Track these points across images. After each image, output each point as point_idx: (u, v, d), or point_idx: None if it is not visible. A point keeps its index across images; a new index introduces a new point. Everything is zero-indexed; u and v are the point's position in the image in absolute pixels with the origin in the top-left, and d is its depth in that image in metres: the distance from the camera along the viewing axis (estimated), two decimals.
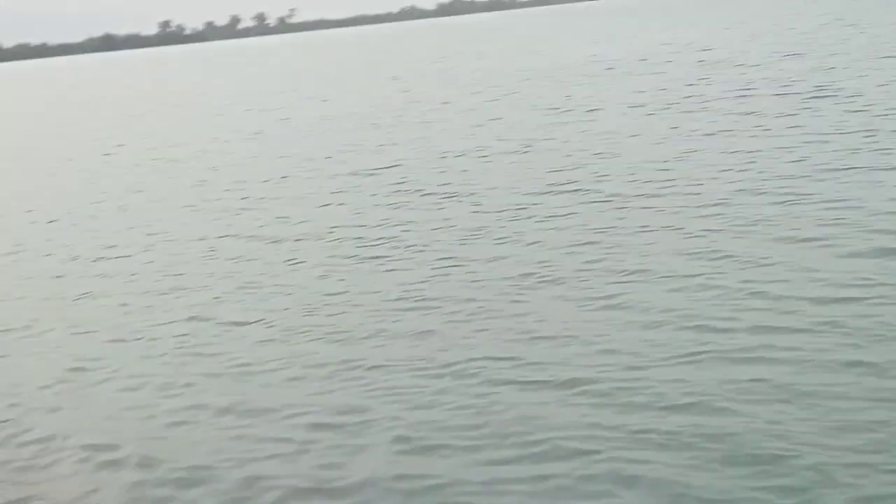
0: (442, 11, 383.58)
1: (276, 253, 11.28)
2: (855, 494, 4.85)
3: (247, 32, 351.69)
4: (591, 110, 22.03)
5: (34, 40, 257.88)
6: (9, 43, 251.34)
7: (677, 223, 10.39)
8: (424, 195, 13.89)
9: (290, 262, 10.75)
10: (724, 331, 7.09)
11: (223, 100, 41.77)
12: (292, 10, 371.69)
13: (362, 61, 64.56)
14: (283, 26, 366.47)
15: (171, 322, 8.95)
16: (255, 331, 8.42)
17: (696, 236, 9.81)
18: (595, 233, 10.42)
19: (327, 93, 38.14)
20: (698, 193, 11.81)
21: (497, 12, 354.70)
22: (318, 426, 6.27)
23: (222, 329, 8.60)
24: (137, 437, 6.43)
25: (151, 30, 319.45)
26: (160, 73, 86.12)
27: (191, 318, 8.94)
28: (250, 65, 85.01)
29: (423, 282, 9.43)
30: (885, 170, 12.10)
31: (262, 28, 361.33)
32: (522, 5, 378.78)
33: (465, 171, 15.71)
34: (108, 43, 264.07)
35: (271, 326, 8.49)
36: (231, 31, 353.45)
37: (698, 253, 9.16)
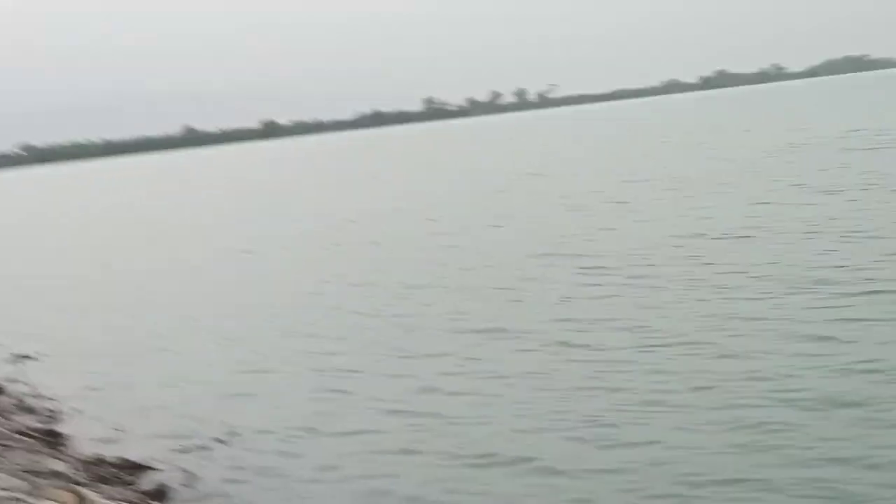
0: (705, 85, 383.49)
1: None
2: None
3: (507, 108, 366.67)
4: None
5: (307, 118, 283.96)
6: (284, 120, 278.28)
7: None
8: None
9: None
10: None
11: None
12: (552, 85, 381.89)
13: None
14: (544, 101, 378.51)
15: None
16: None
17: None
18: None
19: None
20: None
21: (765, 84, 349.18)
22: None
23: None
24: None
25: (416, 106, 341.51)
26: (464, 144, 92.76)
27: None
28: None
29: None
30: None
31: (522, 103, 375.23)
32: (791, 76, 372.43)
33: None
34: (378, 119, 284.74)
35: None
36: (492, 106, 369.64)
37: None
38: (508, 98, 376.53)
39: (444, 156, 75.54)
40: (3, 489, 8.16)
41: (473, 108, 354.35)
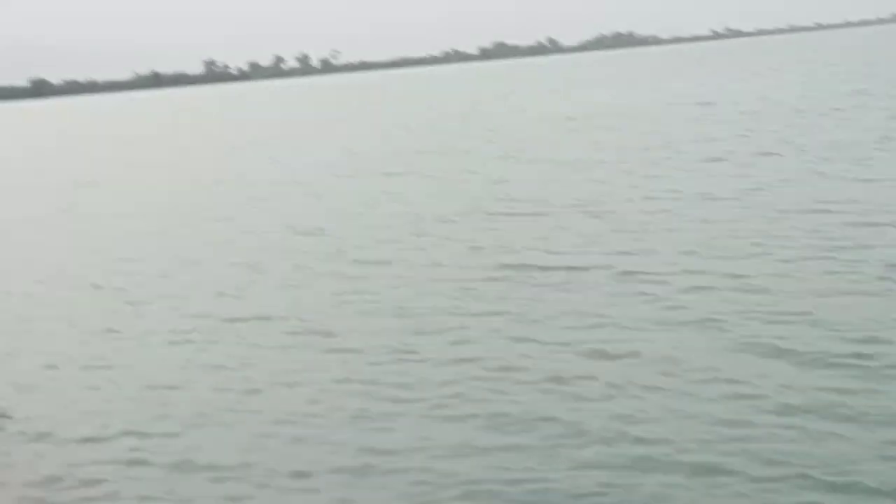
0: (484, 55, 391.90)
1: None
2: None
3: (290, 73, 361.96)
4: None
5: (81, 77, 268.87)
6: (56, 79, 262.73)
7: None
8: None
9: None
10: None
11: None
12: (335, 52, 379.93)
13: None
14: (327, 67, 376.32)
15: None
16: None
17: None
18: None
19: None
20: None
21: (543, 56, 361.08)
22: None
23: None
24: None
25: (197, 68, 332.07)
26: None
27: None
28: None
29: None
30: None
31: (305, 69, 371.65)
32: (570, 50, 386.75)
33: None
34: (155, 81, 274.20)
35: None
36: (275, 70, 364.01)
37: None
38: (291, 63, 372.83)
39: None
40: None
41: (255, 72, 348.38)
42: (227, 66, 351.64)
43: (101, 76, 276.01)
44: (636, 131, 33.65)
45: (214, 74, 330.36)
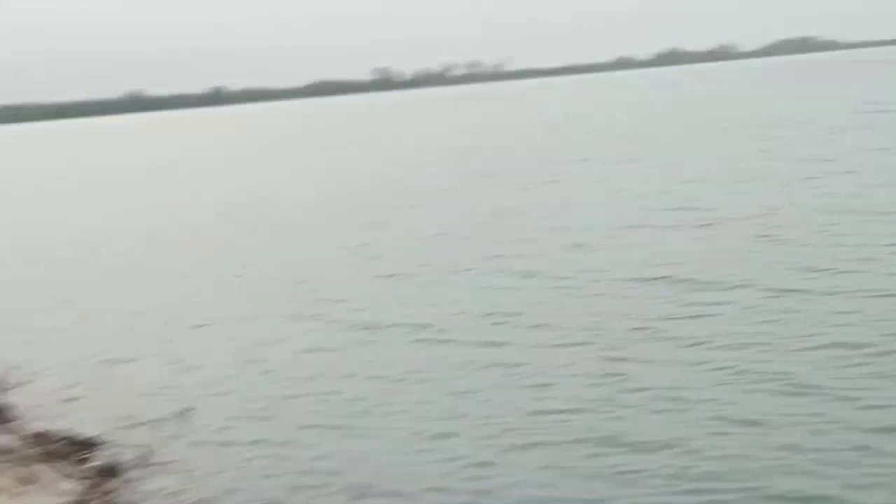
0: (658, 61, 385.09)
1: None
2: None
3: (460, 80, 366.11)
4: None
5: (256, 85, 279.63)
6: (233, 87, 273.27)
7: None
8: None
9: None
10: None
11: None
12: (506, 58, 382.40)
13: None
14: (497, 74, 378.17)
15: None
16: None
17: None
18: None
19: None
20: None
21: (717, 63, 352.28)
22: None
23: None
24: None
25: (366, 76, 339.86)
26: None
27: None
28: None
29: None
30: None
31: (475, 76, 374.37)
32: (748, 55, 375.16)
33: None
34: (326, 88, 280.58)
35: None
36: (444, 78, 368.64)
37: None
38: (461, 70, 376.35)
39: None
40: None
41: (424, 80, 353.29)
42: (394, 74, 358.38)
43: (275, 83, 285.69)
44: (815, 141, 32.20)
45: (382, 82, 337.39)
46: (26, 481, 8.11)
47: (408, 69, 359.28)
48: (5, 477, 7.99)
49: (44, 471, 8.57)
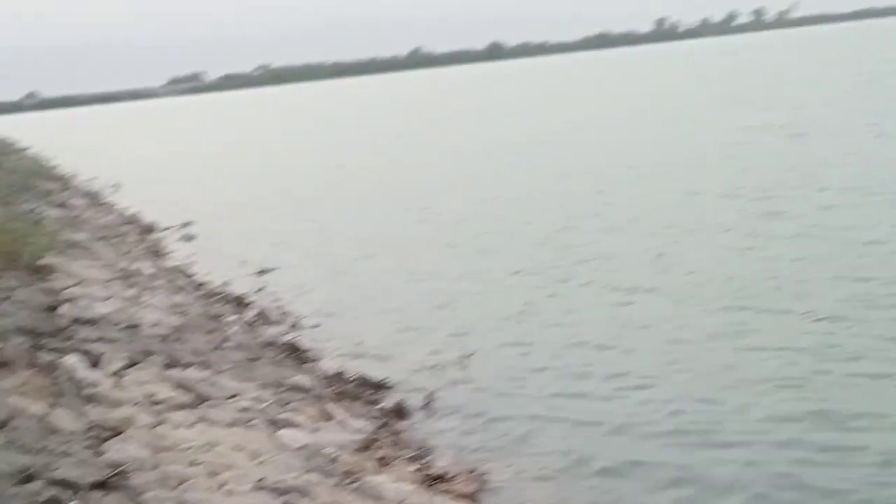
0: None
1: None
2: None
3: (743, 28, 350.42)
4: None
5: (533, 40, 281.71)
6: (510, 42, 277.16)
7: None
8: None
9: None
10: None
11: None
12: (794, 3, 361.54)
13: None
14: (782, 21, 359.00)
15: None
16: None
17: None
18: None
19: None
20: None
21: None
22: None
23: None
24: None
25: (646, 27, 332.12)
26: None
27: None
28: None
29: None
30: None
31: (758, 24, 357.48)
32: None
33: None
34: (604, 41, 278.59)
35: None
36: (726, 27, 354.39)
37: None
38: (745, 18, 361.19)
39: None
40: (253, 400, 8.43)
41: (706, 29, 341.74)
42: (676, 24, 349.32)
43: (552, 38, 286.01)
44: None
45: (663, 33, 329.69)
46: (322, 418, 8.49)
47: (690, 19, 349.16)
48: (302, 413, 8.40)
49: (337, 409, 8.95)
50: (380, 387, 10.35)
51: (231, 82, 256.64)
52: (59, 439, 5.92)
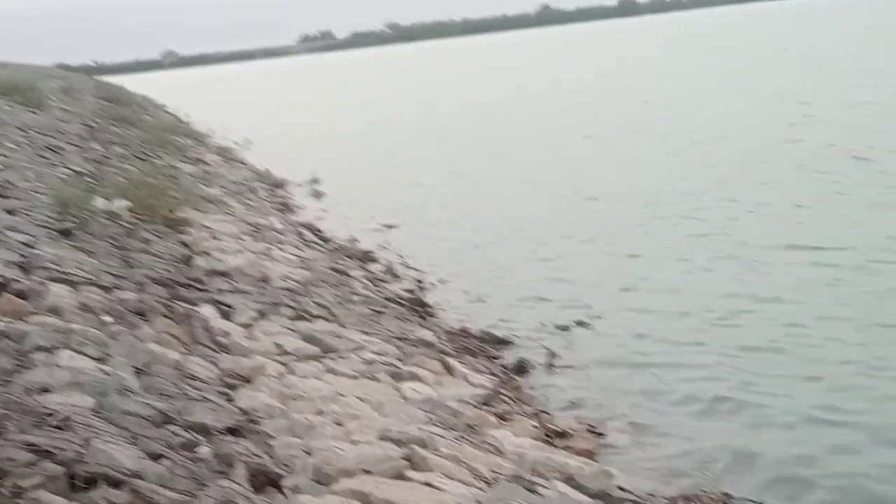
0: None
1: None
2: None
3: None
4: None
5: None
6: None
7: None
8: None
9: None
10: None
11: None
12: None
13: None
14: None
15: None
16: None
17: None
18: None
19: None
20: None
21: None
22: None
23: None
24: None
25: None
26: None
27: None
28: None
29: None
30: None
31: None
32: None
33: None
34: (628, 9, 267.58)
35: None
36: None
37: None
38: None
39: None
40: (377, 353, 8.62)
41: None
42: None
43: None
44: None
45: None
46: (444, 372, 8.63)
47: None
48: (425, 367, 8.55)
49: (460, 364, 9.07)
50: (502, 343, 10.45)
51: (361, 40, 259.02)
52: (194, 385, 6.18)
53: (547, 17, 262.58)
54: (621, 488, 6.47)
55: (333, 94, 67.78)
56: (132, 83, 58.99)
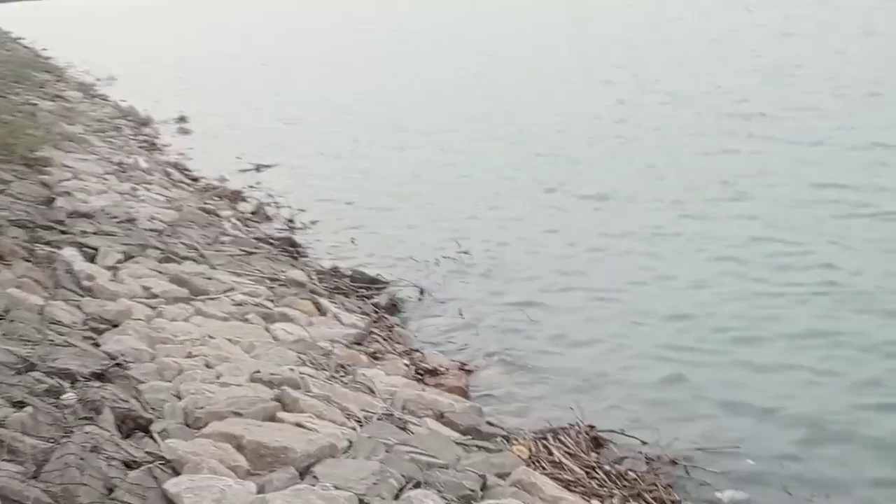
0: None
1: None
2: None
3: None
4: None
5: None
6: None
7: None
8: None
9: None
10: None
11: None
12: None
13: None
14: None
15: None
16: None
17: None
18: None
19: None
20: None
21: None
22: None
23: None
24: None
25: None
26: None
27: None
28: None
29: None
30: None
31: None
32: None
33: None
34: None
35: None
36: None
37: None
38: None
39: None
40: (248, 294, 8.54)
41: None
42: None
43: None
44: None
45: None
46: (316, 313, 8.61)
47: None
48: (297, 308, 8.51)
49: (331, 304, 9.07)
50: (374, 282, 10.47)
51: None
52: (58, 331, 6.02)
53: None
54: (491, 423, 6.60)
55: (205, 27, 65.95)
56: None
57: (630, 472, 6.13)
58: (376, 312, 9.47)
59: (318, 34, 41.57)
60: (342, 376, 6.72)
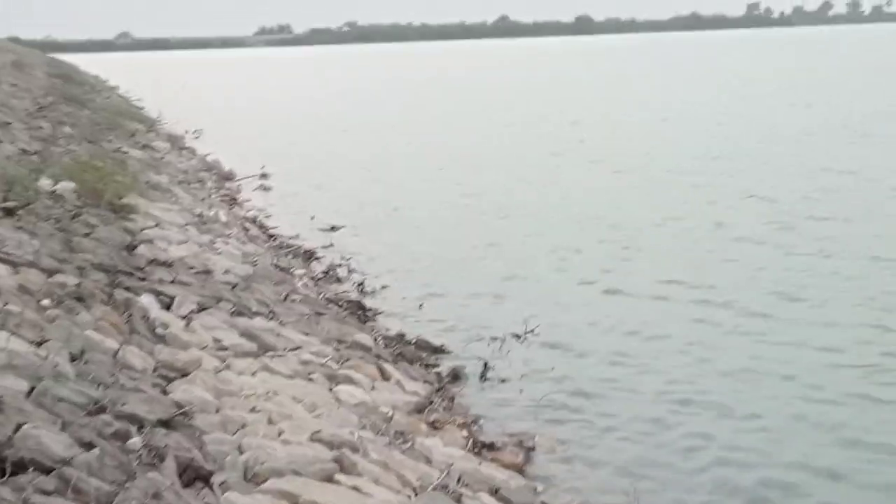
0: None
1: None
2: None
3: (836, 20, 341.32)
4: None
5: (623, 16, 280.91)
6: (599, 17, 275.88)
7: None
8: None
9: None
10: None
11: None
12: None
13: None
14: (877, 14, 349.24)
15: None
16: None
17: None
18: None
19: None
20: None
21: None
22: None
23: None
24: None
25: (739, 11, 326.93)
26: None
27: None
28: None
29: None
30: None
31: (853, 16, 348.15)
32: None
33: None
34: (695, 22, 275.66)
35: None
36: (820, 17, 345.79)
37: None
38: (839, 9, 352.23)
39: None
40: (314, 354, 8.63)
41: (799, 18, 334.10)
42: (769, 10, 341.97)
43: (641, 16, 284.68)
44: None
45: (755, 18, 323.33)
46: (379, 377, 8.66)
47: (782, 6, 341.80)
48: (361, 371, 8.57)
49: (395, 370, 9.11)
50: (438, 351, 10.51)
51: (318, 37, 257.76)
52: (130, 375, 6.15)
53: (504, 29, 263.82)
54: (545, 503, 6.55)
55: (291, 87, 67.39)
56: (85, 62, 58.10)
57: None
58: (438, 381, 9.49)
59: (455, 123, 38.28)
60: (401, 443, 6.74)
